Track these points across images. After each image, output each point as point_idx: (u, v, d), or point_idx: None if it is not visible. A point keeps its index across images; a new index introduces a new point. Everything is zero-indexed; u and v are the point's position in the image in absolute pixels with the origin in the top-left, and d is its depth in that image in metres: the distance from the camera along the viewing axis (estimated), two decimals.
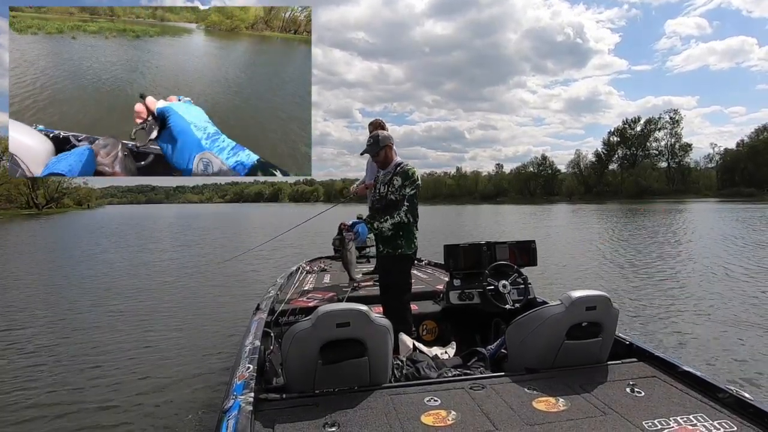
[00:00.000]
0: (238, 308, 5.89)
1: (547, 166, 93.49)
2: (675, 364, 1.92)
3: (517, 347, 2.13)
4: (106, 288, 7.71)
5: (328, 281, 4.17)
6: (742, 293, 6.38)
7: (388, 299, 2.88)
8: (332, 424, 1.55)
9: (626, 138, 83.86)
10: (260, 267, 9.26)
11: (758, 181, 64.61)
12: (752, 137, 71.56)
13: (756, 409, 1.56)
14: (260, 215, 44.44)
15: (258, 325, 2.60)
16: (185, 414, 3.13)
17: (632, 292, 6.61)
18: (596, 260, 9.94)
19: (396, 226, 2.77)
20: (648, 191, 70.76)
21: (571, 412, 1.62)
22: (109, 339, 4.82)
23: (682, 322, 5.06)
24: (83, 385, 3.65)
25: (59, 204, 58.22)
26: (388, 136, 2.88)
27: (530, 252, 3.23)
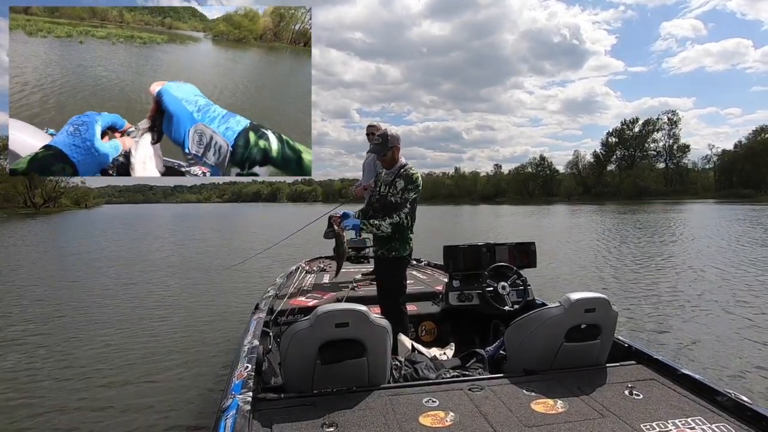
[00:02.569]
0: (237, 307, 5.89)
1: (545, 166, 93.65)
2: (674, 367, 1.92)
3: (516, 349, 2.13)
4: (104, 288, 7.68)
5: (328, 281, 4.16)
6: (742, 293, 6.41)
7: (383, 301, 2.87)
8: (330, 424, 1.55)
9: (624, 139, 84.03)
10: (260, 267, 9.24)
11: (756, 182, 64.79)
12: (750, 138, 71.84)
13: (754, 413, 1.56)
14: (259, 216, 44.30)
15: (257, 325, 2.60)
16: (183, 413, 3.12)
17: (632, 292, 6.63)
18: (595, 261, 9.95)
19: (395, 227, 2.75)
20: (646, 192, 70.88)
21: (569, 414, 1.62)
22: (107, 339, 4.80)
23: (681, 323, 5.07)
24: (80, 385, 3.63)
25: (57, 203, 58.03)
26: (396, 137, 2.83)
27: (530, 254, 3.22)
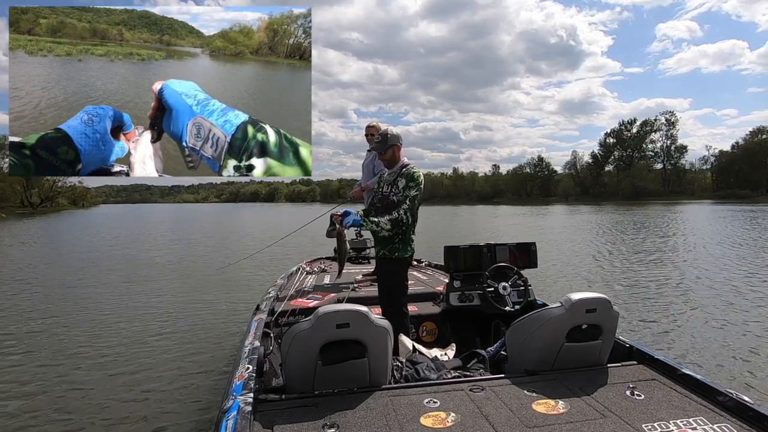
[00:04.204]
0: (237, 308, 5.88)
1: (543, 167, 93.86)
2: (675, 367, 1.92)
3: (517, 349, 2.13)
4: (104, 288, 7.66)
5: (328, 282, 4.16)
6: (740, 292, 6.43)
7: (384, 301, 2.86)
8: (331, 425, 1.54)
9: (622, 139, 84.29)
10: (260, 267, 9.23)
11: (753, 182, 65.16)
12: (747, 139, 72.16)
13: (756, 413, 1.56)
14: (258, 216, 44.24)
15: (258, 326, 2.60)
16: (184, 414, 3.11)
17: (631, 293, 6.64)
18: (595, 261, 9.97)
19: (394, 223, 2.71)
20: (644, 193, 71.08)
21: (570, 414, 1.62)
22: (107, 339, 4.79)
23: (681, 323, 5.08)
24: (81, 385, 3.62)
25: (54, 203, 57.84)
26: (396, 135, 2.83)
27: (530, 254, 3.22)
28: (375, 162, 4.12)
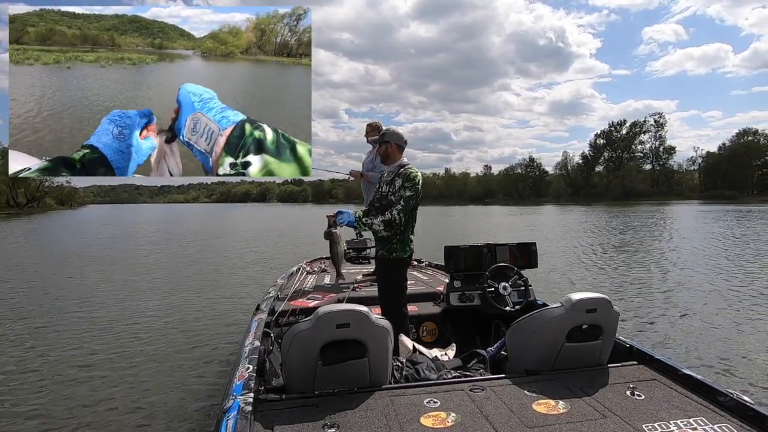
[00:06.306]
0: (238, 308, 5.85)
1: (534, 167, 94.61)
2: (675, 368, 1.93)
3: (517, 349, 2.13)
4: (104, 288, 7.55)
5: (329, 282, 4.14)
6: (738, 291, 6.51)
7: (384, 302, 2.86)
8: (332, 425, 1.54)
9: (612, 140, 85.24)
10: (260, 267, 9.17)
11: (739, 183, 66.48)
12: (733, 141, 73.35)
13: (756, 413, 1.57)
14: (258, 216, 43.98)
15: (258, 326, 2.59)
16: (184, 414, 3.09)
17: (631, 292, 6.70)
18: (593, 261, 10.05)
19: (387, 224, 2.72)
20: (634, 193, 71.93)
21: (570, 414, 1.63)
22: (106, 339, 4.74)
23: (680, 322, 5.13)
24: (81, 386, 3.58)
25: (41, 203, 56.90)
26: (395, 134, 2.87)
27: (530, 254, 3.22)
28: (375, 162, 4.15)
